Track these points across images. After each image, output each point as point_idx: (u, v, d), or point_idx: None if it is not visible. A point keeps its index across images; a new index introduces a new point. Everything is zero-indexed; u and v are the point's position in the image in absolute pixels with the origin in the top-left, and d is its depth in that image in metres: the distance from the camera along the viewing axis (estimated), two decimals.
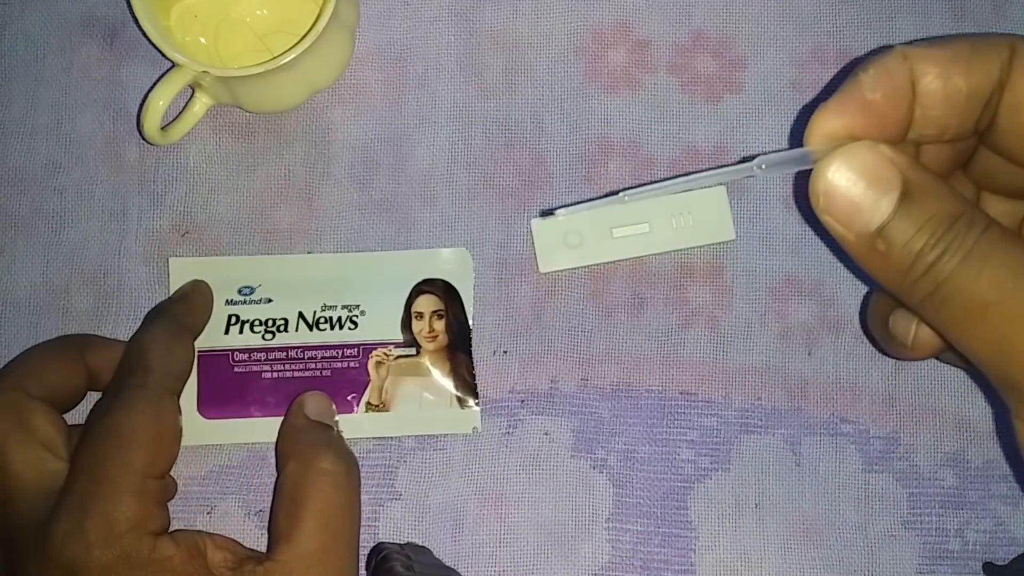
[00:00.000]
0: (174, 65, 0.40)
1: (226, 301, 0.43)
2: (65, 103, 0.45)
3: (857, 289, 0.43)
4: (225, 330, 0.43)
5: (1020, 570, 0.39)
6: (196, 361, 0.41)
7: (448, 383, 0.42)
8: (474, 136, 0.45)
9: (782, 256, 0.44)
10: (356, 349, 0.42)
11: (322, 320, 0.43)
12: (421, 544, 0.41)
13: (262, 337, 0.43)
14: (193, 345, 0.41)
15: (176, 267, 0.43)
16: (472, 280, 0.43)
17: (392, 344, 0.43)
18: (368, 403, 0.42)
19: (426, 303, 0.43)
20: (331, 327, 0.43)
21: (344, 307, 0.43)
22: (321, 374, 0.42)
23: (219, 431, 0.42)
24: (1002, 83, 0.28)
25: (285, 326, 0.43)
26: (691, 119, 0.45)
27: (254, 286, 0.43)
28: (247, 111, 0.44)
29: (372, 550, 0.40)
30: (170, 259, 0.43)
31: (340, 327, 0.43)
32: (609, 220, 0.43)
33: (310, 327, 0.43)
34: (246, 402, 0.42)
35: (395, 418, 0.42)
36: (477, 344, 0.43)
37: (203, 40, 0.44)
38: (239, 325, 0.43)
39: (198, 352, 0.42)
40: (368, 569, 0.39)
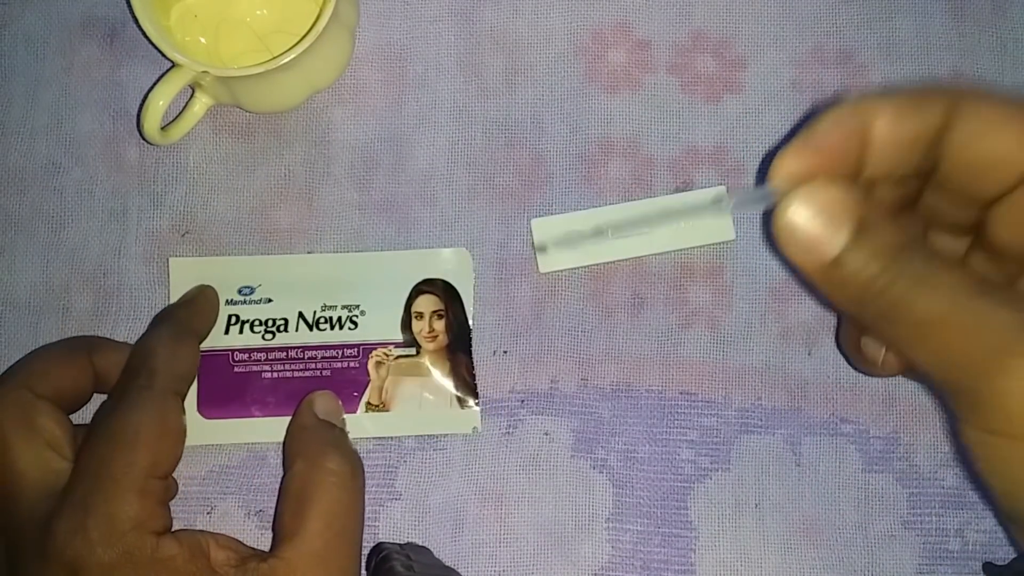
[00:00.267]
0: (174, 65, 0.40)
1: (226, 301, 0.43)
2: (65, 103, 0.45)
3: None
4: (225, 330, 0.43)
5: (1020, 570, 0.39)
6: None
7: (448, 383, 0.42)
8: (474, 136, 0.45)
9: (782, 256, 0.43)
10: (356, 349, 0.42)
11: (322, 320, 0.43)
12: (421, 544, 0.41)
13: (262, 337, 0.43)
14: (198, 348, 0.41)
15: (176, 267, 0.43)
16: (473, 280, 0.43)
17: (392, 344, 0.43)
18: (368, 403, 0.42)
19: (426, 303, 0.43)
20: (331, 327, 0.43)
21: (344, 307, 0.43)
22: (321, 374, 0.42)
23: (219, 431, 0.42)
24: (945, 128, 0.31)
25: (285, 326, 0.43)
26: (691, 119, 0.45)
27: (254, 286, 0.43)
28: (247, 111, 0.44)
29: (372, 550, 0.40)
30: (170, 259, 0.43)
31: (340, 327, 0.43)
32: (609, 221, 0.43)
33: (310, 327, 0.43)
34: (246, 402, 0.42)
35: (395, 418, 0.42)
36: (477, 344, 0.43)
37: (203, 40, 0.44)
38: (239, 325, 0.43)
39: None
40: (368, 569, 0.39)
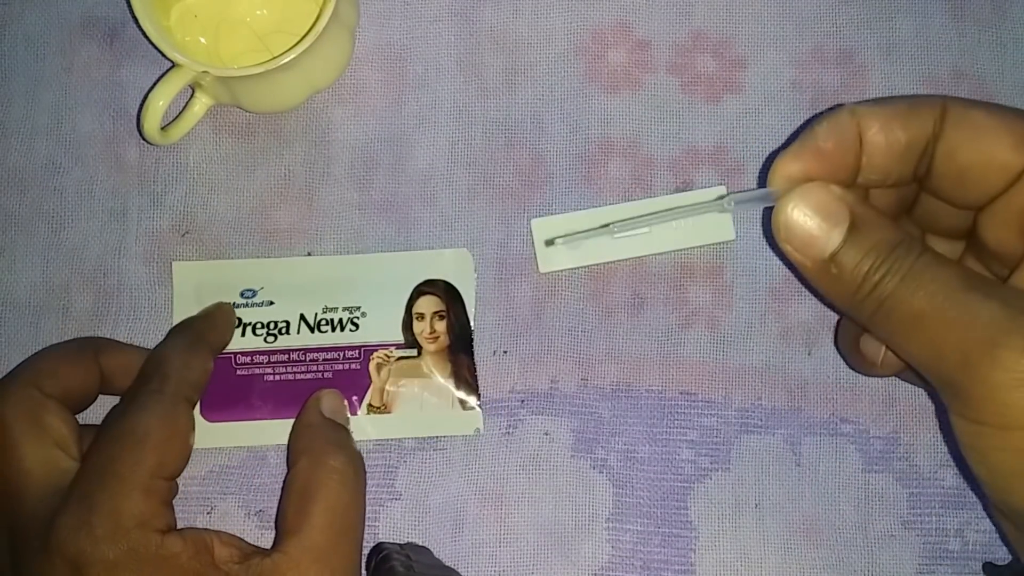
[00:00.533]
0: (174, 65, 0.40)
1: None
2: (65, 103, 0.45)
3: None
4: None
5: (1020, 570, 0.39)
6: None
7: (450, 385, 0.42)
8: (474, 136, 0.45)
9: (781, 254, 0.44)
10: (357, 351, 0.42)
11: (323, 322, 0.43)
12: (421, 544, 0.41)
13: (264, 340, 0.43)
14: (211, 360, 0.41)
15: (179, 271, 0.43)
16: (474, 281, 0.43)
17: (393, 345, 0.43)
18: (369, 405, 0.42)
19: (427, 304, 0.43)
20: (332, 329, 0.43)
21: (345, 309, 0.43)
22: (323, 376, 0.42)
23: (222, 434, 0.42)
24: (936, 135, 0.32)
25: (287, 328, 0.43)
26: (691, 119, 0.45)
27: (256, 289, 0.43)
28: (247, 111, 0.44)
29: (372, 550, 0.40)
30: (173, 263, 0.43)
31: (341, 329, 0.43)
32: (609, 220, 0.43)
33: (311, 329, 0.43)
34: (249, 405, 0.42)
35: (396, 420, 0.42)
36: (477, 344, 0.43)
37: (203, 40, 0.44)
38: (241, 328, 0.43)
39: None
40: (368, 569, 0.39)
